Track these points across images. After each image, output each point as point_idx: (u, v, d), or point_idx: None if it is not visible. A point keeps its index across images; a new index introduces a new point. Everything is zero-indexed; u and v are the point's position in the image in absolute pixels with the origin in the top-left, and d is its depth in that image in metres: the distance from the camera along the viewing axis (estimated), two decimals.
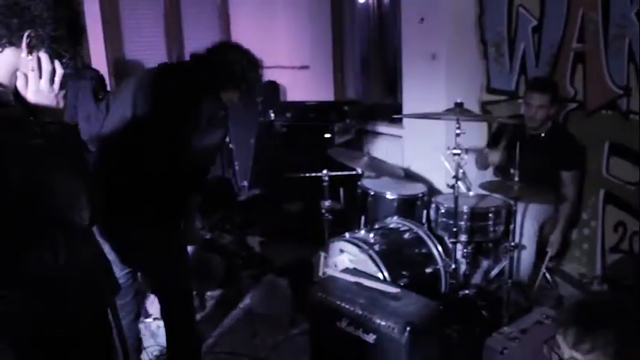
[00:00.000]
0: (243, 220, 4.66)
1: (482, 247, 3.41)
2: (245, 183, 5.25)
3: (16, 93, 1.46)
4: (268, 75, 5.38)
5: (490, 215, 3.24)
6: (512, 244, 3.03)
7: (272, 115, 4.92)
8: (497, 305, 3.02)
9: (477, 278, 3.37)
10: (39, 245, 1.46)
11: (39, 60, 1.45)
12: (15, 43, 1.42)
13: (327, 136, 4.59)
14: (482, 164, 3.78)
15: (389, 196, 3.52)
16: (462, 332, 2.81)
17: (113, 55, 4.92)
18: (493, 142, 3.72)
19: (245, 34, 5.44)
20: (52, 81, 1.48)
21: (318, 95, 5.25)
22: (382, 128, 4.75)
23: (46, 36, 1.44)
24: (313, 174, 3.67)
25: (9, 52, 1.42)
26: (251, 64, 2.66)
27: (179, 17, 5.38)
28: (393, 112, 4.42)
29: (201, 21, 5.53)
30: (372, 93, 5.29)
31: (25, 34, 1.41)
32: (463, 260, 3.23)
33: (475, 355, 2.57)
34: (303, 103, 5.11)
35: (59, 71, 1.49)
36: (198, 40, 5.41)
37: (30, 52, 1.44)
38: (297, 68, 5.39)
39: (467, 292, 3.11)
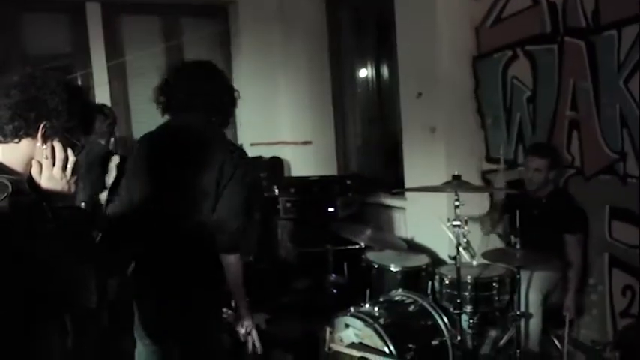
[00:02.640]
0: (249, 296, 4.63)
1: (488, 317, 3.37)
2: (250, 258, 5.25)
3: (30, 180, 1.54)
4: (272, 151, 5.50)
5: (494, 284, 3.22)
6: (518, 312, 3.00)
7: (276, 190, 4.99)
8: None
9: (485, 349, 3.32)
10: (47, 327, 1.50)
11: (52, 149, 1.54)
12: (31, 134, 1.51)
13: (331, 210, 4.63)
14: (486, 229, 3.81)
15: (393, 268, 3.52)
16: None
17: (121, 135, 5.07)
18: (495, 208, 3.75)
19: (249, 111, 5.62)
20: (64, 168, 1.55)
21: (321, 170, 5.34)
22: (385, 201, 4.79)
23: (60, 127, 1.53)
24: (317, 249, 3.69)
25: (25, 142, 1.51)
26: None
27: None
28: (395, 185, 4.47)
29: None
30: (374, 166, 5.37)
31: (41, 126, 1.50)
32: (470, 331, 3.20)
33: None
34: (306, 178, 5.19)
35: (71, 159, 1.57)
36: None
37: (45, 142, 1.52)
38: (299, 144, 5.51)
39: None
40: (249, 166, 2.53)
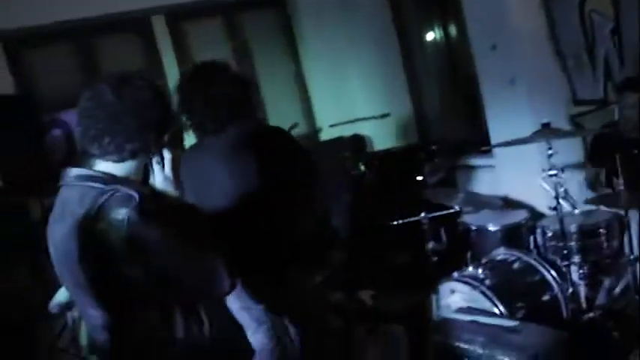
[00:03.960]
0: (352, 275, 4.69)
1: (599, 265, 3.24)
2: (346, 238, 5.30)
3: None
4: (352, 129, 5.50)
5: (601, 231, 3.10)
6: (632, 257, 2.87)
7: (362, 167, 4.99)
8: (629, 325, 2.84)
9: (600, 299, 3.19)
10: (185, 318, 1.63)
11: (161, 153, 1.67)
12: (147, 150, 1.63)
13: (420, 178, 4.58)
14: (592, 186, 3.65)
15: (491, 227, 3.46)
16: (594, 356, 2.66)
17: None
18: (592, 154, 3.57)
19: (324, 95, 5.65)
20: (174, 168, 1.68)
21: (403, 140, 5.29)
22: (473, 161, 4.68)
23: (164, 133, 1.66)
24: (412, 219, 3.67)
25: (141, 156, 1.64)
26: None
27: (258, 90, 5.66)
28: (480, 144, 4.37)
29: (280, 90, 5.78)
30: (457, 128, 5.25)
31: (153, 139, 1.62)
32: (581, 282, 3.09)
33: None
34: (390, 150, 5.16)
35: (173, 156, 1.69)
36: (279, 108, 5.66)
37: (157, 151, 1.66)
38: (378, 117, 5.47)
39: (592, 315, 2.96)
40: None
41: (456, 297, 3.08)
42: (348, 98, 5.56)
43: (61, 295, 2.70)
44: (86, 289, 1.60)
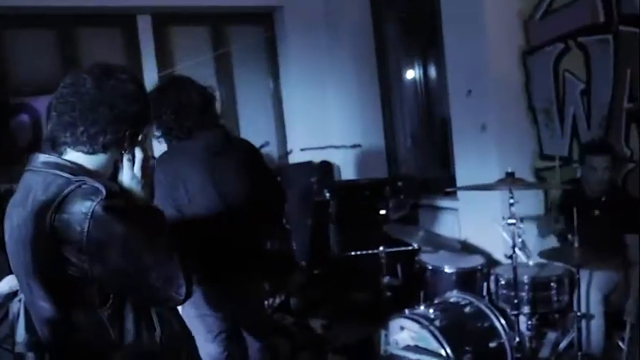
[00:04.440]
0: (306, 301, 4.66)
1: (547, 318, 3.29)
2: (303, 263, 5.28)
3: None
4: (322, 155, 5.52)
5: (552, 284, 3.15)
6: (579, 313, 2.91)
7: (327, 194, 5.00)
8: None
9: (544, 352, 3.24)
10: (137, 323, 1.59)
11: (132, 151, 1.64)
12: (119, 144, 1.60)
13: (383, 212, 4.61)
14: (543, 232, 3.72)
15: (447, 269, 3.48)
16: None
17: None
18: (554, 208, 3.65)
19: (298, 117, 5.66)
20: (144, 168, 1.65)
21: (371, 172, 5.32)
22: (437, 202, 4.73)
23: (140, 131, 1.64)
24: (370, 251, 3.68)
25: (112, 150, 1.61)
26: None
27: (235, 104, 5.65)
28: (446, 185, 4.42)
29: (256, 107, 5.78)
30: (425, 167, 5.32)
31: (127, 134, 1.60)
32: (528, 333, 3.12)
33: None
34: (357, 181, 5.18)
35: (144, 156, 1.66)
36: (253, 124, 5.66)
37: (130, 148, 1.63)
38: (349, 147, 5.51)
39: None
40: None
41: (404, 334, 3.08)
42: (322, 124, 5.59)
43: (5, 285, 2.61)
44: (37, 280, 1.55)
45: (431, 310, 3.11)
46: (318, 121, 5.59)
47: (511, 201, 3.06)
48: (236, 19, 5.66)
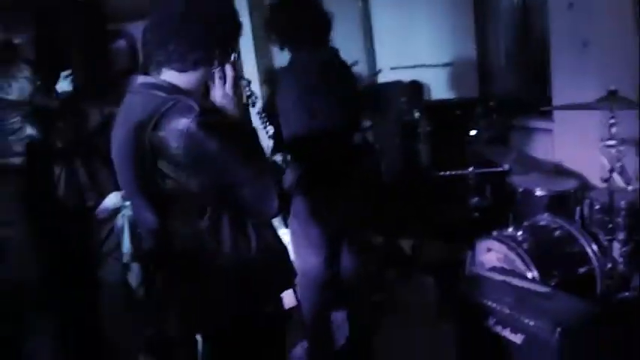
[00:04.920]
0: (395, 221, 4.72)
1: None
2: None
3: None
4: (412, 75, 5.40)
5: None
6: None
7: (417, 114, 4.93)
8: None
9: (637, 281, 3.14)
10: (234, 234, 1.69)
11: (223, 69, 1.70)
12: (208, 61, 1.67)
13: (474, 132, 4.51)
14: None
15: (539, 192, 3.40)
16: (622, 337, 2.64)
17: (263, 65, 5.23)
18: None
19: (387, 34, 5.52)
20: (234, 85, 1.72)
21: (462, 92, 5.17)
22: (531, 122, 4.56)
23: (229, 49, 1.70)
24: (460, 172, 3.64)
25: (202, 68, 1.68)
26: None
27: None
28: (541, 105, 4.24)
29: (344, 25, 5.68)
30: (519, 86, 5.09)
31: (217, 52, 1.66)
32: (621, 260, 3.03)
33: None
34: (447, 100, 5.06)
35: (235, 75, 1.72)
36: (342, 43, 5.57)
37: (220, 65, 1.69)
38: (440, 66, 5.35)
39: (627, 294, 2.92)
40: None
41: (491, 255, 3.09)
42: (412, 42, 5.43)
43: (110, 201, 2.83)
44: (142, 193, 1.68)
45: (519, 233, 3.08)
46: (408, 39, 5.43)
47: (612, 121, 2.90)
48: None
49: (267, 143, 2.39)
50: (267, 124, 2.38)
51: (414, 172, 4.95)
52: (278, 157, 2.20)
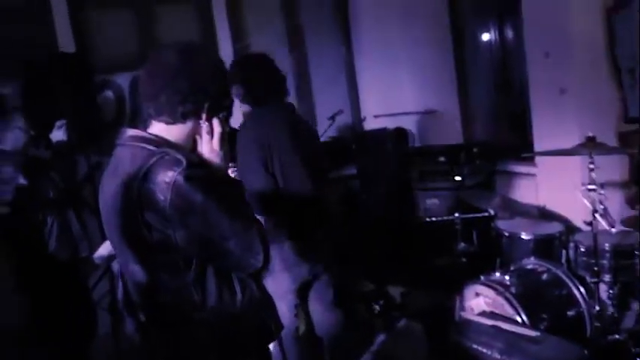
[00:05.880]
0: (384, 268, 4.71)
1: (630, 287, 3.20)
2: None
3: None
4: (396, 122, 5.49)
5: (637, 253, 3.04)
6: None
7: (402, 160, 4.99)
8: None
9: (628, 322, 3.15)
10: (219, 287, 1.69)
11: (211, 124, 1.72)
12: (197, 114, 1.69)
13: (458, 178, 4.57)
14: (630, 202, 3.58)
15: (524, 236, 3.43)
16: None
17: None
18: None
19: (371, 83, 5.65)
20: (221, 141, 1.73)
21: (446, 139, 5.26)
22: (514, 167, 4.64)
23: (218, 105, 1.72)
24: (446, 218, 3.67)
25: (190, 122, 1.70)
26: None
27: (307, 73, 5.70)
28: (523, 151, 4.32)
29: (328, 74, 5.81)
30: (501, 132, 5.20)
31: (206, 106, 1.68)
32: (609, 302, 3.05)
33: None
34: (431, 147, 5.13)
35: (223, 131, 1.74)
36: (326, 92, 5.70)
37: (208, 120, 1.70)
38: (423, 113, 5.45)
39: (617, 336, 2.92)
40: None
41: (479, 300, 3.09)
42: (396, 90, 5.55)
43: (105, 249, 2.81)
44: (128, 245, 1.68)
45: (507, 277, 3.09)
46: (392, 87, 5.56)
47: (591, 166, 2.97)
48: None
49: None
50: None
51: (400, 218, 4.98)
52: None
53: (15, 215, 3.13)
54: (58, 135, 3.57)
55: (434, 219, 3.95)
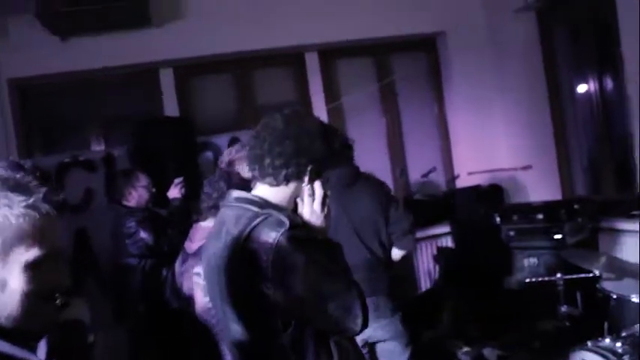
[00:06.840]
0: (480, 330, 4.55)
1: None
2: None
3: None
4: (491, 178, 5.38)
5: None
6: None
7: (498, 219, 4.86)
8: None
9: None
10: (317, 350, 1.69)
11: (313, 187, 1.76)
12: (299, 177, 1.74)
13: (558, 236, 4.38)
14: None
15: (635, 299, 3.20)
16: None
17: None
18: None
19: (464, 140, 5.59)
20: (323, 203, 1.76)
21: (544, 195, 5.08)
22: (620, 225, 4.39)
23: (320, 168, 1.77)
24: (547, 278, 3.52)
25: (293, 184, 1.76)
26: None
27: (400, 131, 5.74)
28: (628, 207, 4.10)
29: (421, 133, 5.82)
30: (604, 188, 4.95)
31: (309, 169, 1.73)
32: None
33: None
34: (529, 204, 4.97)
35: (324, 193, 1.77)
36: (419, 150, 5.69)
37: (310, 182, 1.75)
38: (519, 169, 5.31)
39: None
40: None
41: None
42: (491, 147, 5.47)
43: None
44: (230, 304, 1.72)
45: (618, 344, 2.87)
46: (486, 143, 5.48)
47: None
48: (399, 48, 5.75)
49: None
50: None
51: (497, 278, 4.80)
52: None
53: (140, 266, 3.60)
54: (173, 193, 3.89)
55: (534, 279, 3.77)
